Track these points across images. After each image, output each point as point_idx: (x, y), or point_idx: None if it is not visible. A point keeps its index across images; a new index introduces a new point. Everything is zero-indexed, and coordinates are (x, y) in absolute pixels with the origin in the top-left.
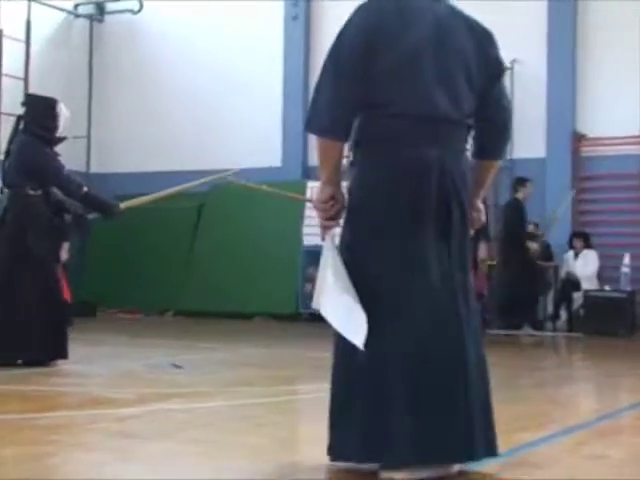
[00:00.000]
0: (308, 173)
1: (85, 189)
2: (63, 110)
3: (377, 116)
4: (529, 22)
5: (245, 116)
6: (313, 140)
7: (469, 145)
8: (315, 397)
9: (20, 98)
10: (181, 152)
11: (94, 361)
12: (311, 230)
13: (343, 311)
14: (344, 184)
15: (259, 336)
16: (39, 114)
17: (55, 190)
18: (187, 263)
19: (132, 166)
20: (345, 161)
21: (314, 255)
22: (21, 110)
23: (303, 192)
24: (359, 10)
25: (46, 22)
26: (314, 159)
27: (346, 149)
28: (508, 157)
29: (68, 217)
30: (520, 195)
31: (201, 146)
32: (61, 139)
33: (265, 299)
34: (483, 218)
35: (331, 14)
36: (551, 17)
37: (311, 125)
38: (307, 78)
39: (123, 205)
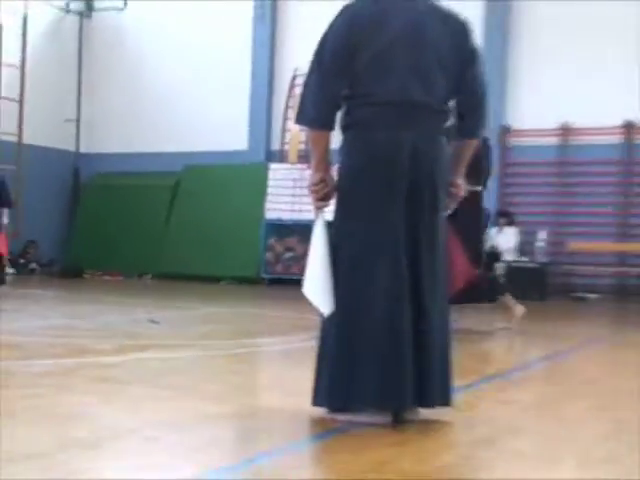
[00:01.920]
0: (270, 156)
1: None
2: None
3: (358, 104)
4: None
5: (216, 104)
6: (276, 127)
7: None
8: (273, 350)
9: (17, 85)
10: (159, 136)
11: (79, 316)
12: (272, 206)
13: (318, 285)
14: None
15: (225, 297)
16: None
17: None
18: (164, 233)
19: (117, 147)
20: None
21: (274, 227)
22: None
23: (265, 174)
24: (341, 13)
25: (41, 17)
26: (276, 144)
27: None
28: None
29: None
30: None
31: (176, 130)
32: None
33: (231, 265)
34: (462, 194)
35: (296, 12)
36: (486, 22)
37: (300, 118)
38: (272, 70)
39: None
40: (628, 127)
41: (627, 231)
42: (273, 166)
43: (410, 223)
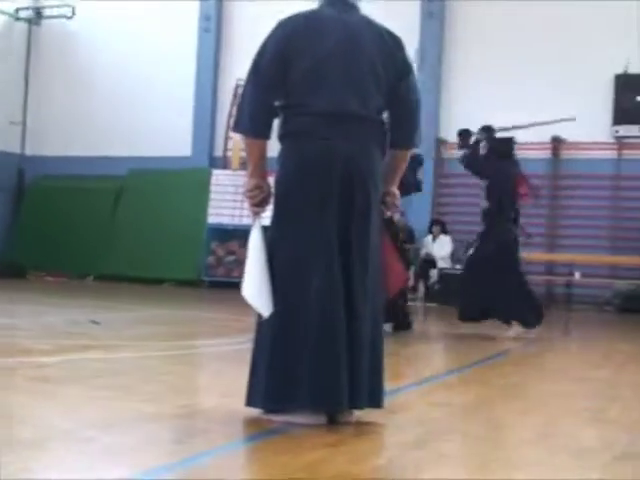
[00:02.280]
0: (214, 162)
1: None
2: None
3: (294, 115)
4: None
5: (161, 110)
6: (220, 134)
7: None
8: (211, 351)
9: None
10: (105, 140)
11: (19, 316)
12: (215, 210)
13: (257, 288)
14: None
15: (166, 299)
16: None
17: None
18: (107, 235)
19: (62, 150)
20: None
21: (216, 232)
22: None
23: (208, 179)
24: (277, 27)
25: None
26: (219, 150)
27: None
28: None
29: None
30: None
31: (122, 135)
32: None
33: (173, 268)
34: (398, 203)
35: (240, 24)
36: (422, 37)
37: (237, 127)
38: (216, 79)
39: None
40: (556, 142)
41: (555, 242)
42: (216, 172)
43: (342, 229)
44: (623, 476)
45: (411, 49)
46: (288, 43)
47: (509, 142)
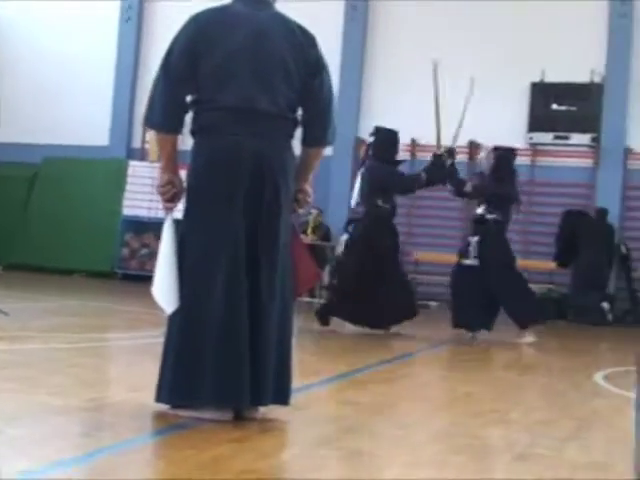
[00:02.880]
0: (131, 153)
1: None
2: None
3: (204, 110)
4: (327, 37)
5: (79, 99)
6: (138, 125)
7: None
8: (121, 344)
9: None
10: (19, 127)
11: None
12: (130, 202)
13: (164, 283)
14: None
15: (77, 290)
16: None
17: None
18: (19, 224)
19: None
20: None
21: (131, 224)
22: None
23: (125, 170)
24: (188, 22)
25: None
26: (137, 141)
27: None
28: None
29: None
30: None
31: (37, 123)
32: None
33: (86, 259)
34: (310, 200)
35: (161, 14)
36: (345, 36)
37: (148, 121)
38: (136, 69)
39: None
40: (473, 147)
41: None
42: (133, 163)
43: (251, 226)
44: (522, 476)
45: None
46: (198, 38)
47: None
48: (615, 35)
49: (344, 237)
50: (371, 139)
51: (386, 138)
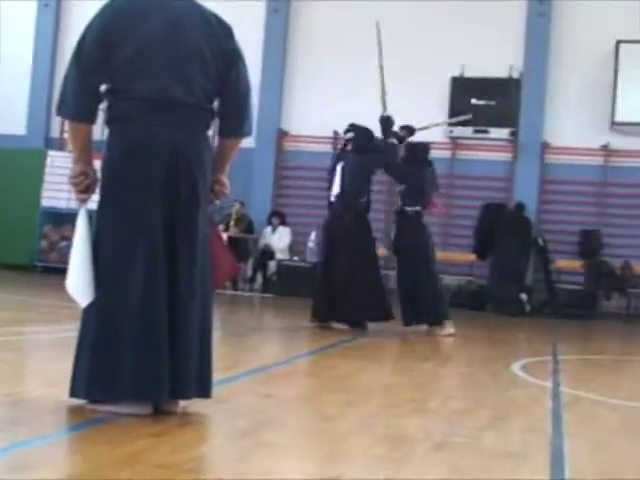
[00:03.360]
0: (50, 143)
1: None
2: None
3: (119, 100)
4: (247, 34)
5: None
6: (55, 115)
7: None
8: (39, 338)
9: None
10: None
11: None
12: (49, 193)
13: (78, 276)
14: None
15: None
16: None
17: None
18: None
19: None
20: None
21: (50, 215)
22: None
23: (43, 161)
24: (101, 9)
25: None
26: (56, 131)
27: None
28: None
29: None
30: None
31: None
32: None
33: (4, 252)
34: (226, 191)
35: (80, 1)
36: (267, 33)
37: (60, 110)
38: (54, 57)
39: None
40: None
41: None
42: (51, 153)
43: (167, 217)
44: (440, 465)
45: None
46: (111, 26)
47: (426, 148)
48: (533, 33)
49: (313, 235)
50: (349, 135)
51: (365, 133)
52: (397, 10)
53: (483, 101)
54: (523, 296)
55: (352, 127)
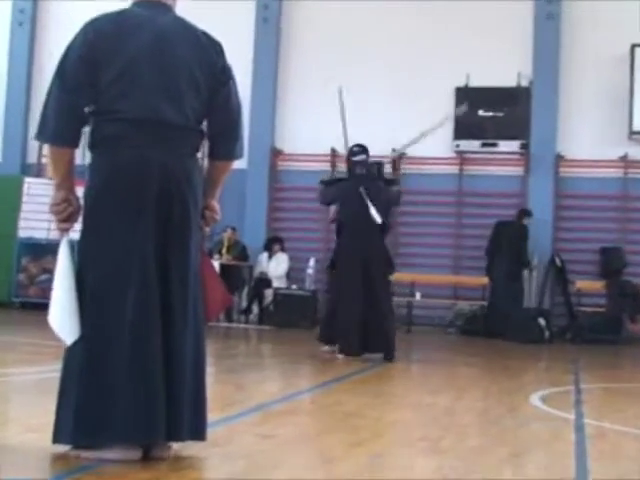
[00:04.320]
0: (26, 169)
1: None
2: None
3: (104, 121)
4: (237, 46)
5: None
6: (33, 140)
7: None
8: (19, 380)
9: None
10: None
11: None
12: (27, 223)
13: (61, 312)
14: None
15: None
16: None
17: None
18: None
19: None
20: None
21: (28, 247)
22: None
23: (20, 188)
24: (84, 27)
25: None
26: (32, 157)
27: None
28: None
29: None
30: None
31: None
32: None
33: None
34: (217, 217)
35: (57, 18)
36: (257, 47)
37: (40, 134)
38: (30, 77)
39: None
40: (398, 157)
41: (396, 261)
42: (28, 180)
43: (159, 245)
44: None
45: None
46: (96, 44)
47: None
48: (542, 37)
49: (312, 262)
50: (360, 157)
51: (376, 162)
52: (398, 14)
53: (491, 112)
54: (541, 321)
55: (361, 148)
